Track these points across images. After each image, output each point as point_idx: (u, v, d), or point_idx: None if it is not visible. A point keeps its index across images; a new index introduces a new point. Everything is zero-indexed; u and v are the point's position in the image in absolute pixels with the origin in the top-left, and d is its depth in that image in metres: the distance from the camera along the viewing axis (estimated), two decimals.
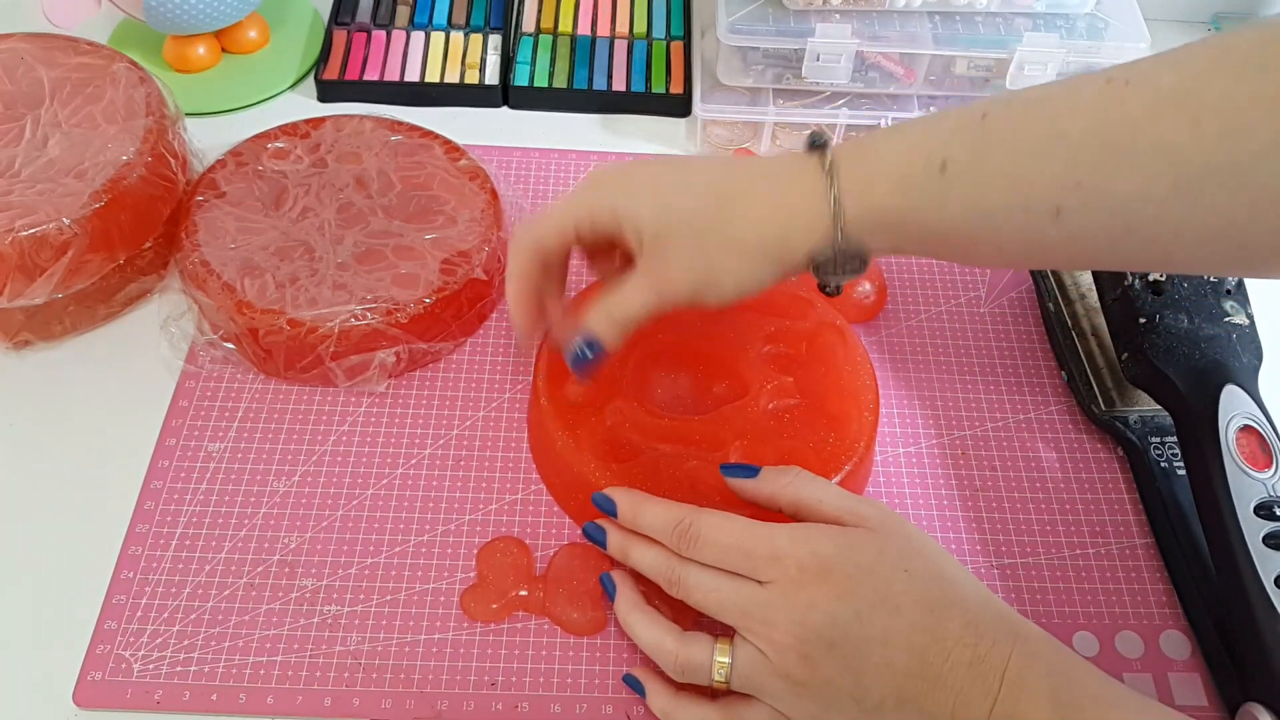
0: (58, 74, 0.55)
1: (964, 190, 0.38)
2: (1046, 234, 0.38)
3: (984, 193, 0.38)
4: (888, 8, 0.61)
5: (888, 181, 0.40)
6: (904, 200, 0.39)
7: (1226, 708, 0.44)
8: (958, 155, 0.38)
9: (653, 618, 0.42)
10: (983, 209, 0.38)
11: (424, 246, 0.53)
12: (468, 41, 0.69)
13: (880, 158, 0.40)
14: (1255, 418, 0.46)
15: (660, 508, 0.42)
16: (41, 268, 0.49)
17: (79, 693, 0.43)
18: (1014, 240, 0.39)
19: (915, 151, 0.39)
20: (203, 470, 0.49)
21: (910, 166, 0.39)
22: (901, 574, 0.37)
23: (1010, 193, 0.38)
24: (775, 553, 0.38)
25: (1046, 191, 0.37)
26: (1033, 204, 0.37)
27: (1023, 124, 0.38)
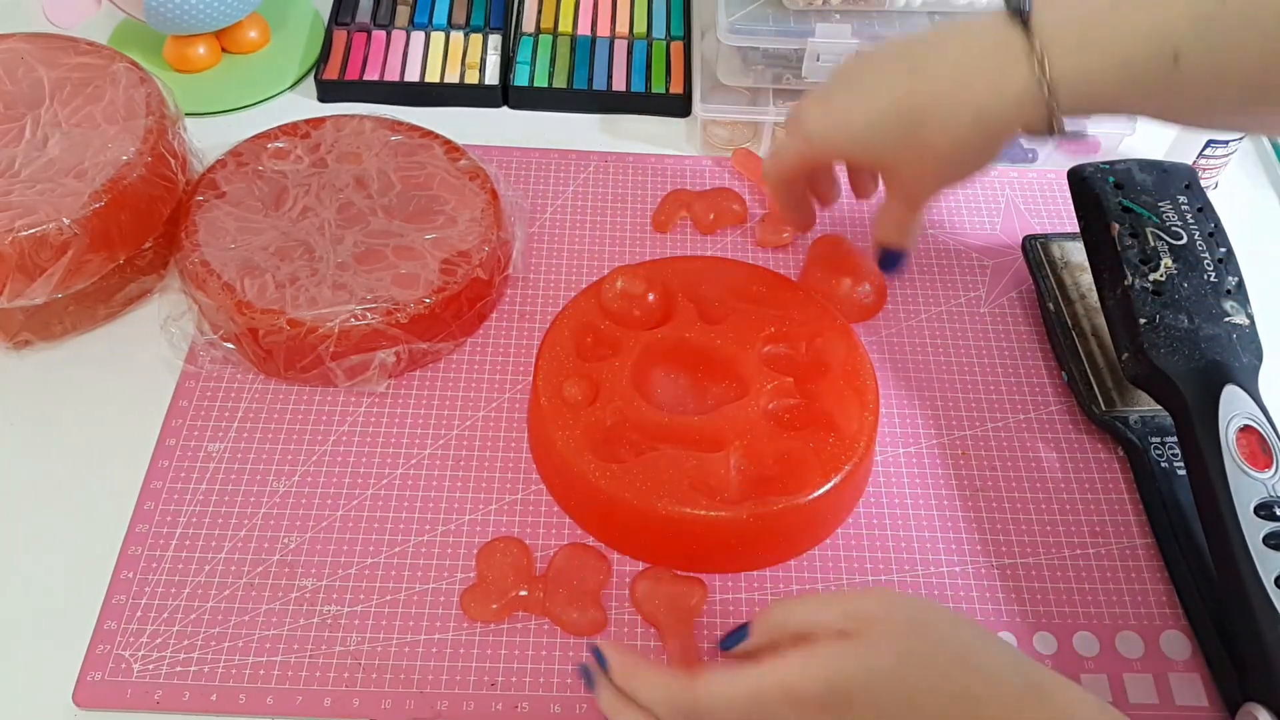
0: (58, 74, 0.55)
1: (1199, 84, 0.37)
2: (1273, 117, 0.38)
3: (1221, 85, 0.36)
4: (888, 8, 0.61)
5: (1111, 69, 0.38)
6: (1129, 92, 0.38)
7: (1227, 708, 0.44)
8: (1193, 46, 0.36)
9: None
10: (1218, 101, 0.37)
11: (424, 246, 0.53)
12: (468, 41, 0.69)
13: (1102, 42, 0.38)
14: (1255, 418, 0.46)
15: (655, 679, 0.37)
16: (41, 268, 0.49)
17: (79, 692, 0.43)
18: (1239, 118, 0.39)
19: (1143, 33, 0.37)
20: (203, 470, 0.49)
21: (1139, 54, 0.37)
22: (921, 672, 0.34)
23: (1251, 86, 0.36)
24: (792, 694, 0.34)
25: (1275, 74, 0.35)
26: (1269, 92, 0.36)
27: (1270, 4, 0.35)
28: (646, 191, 0.62)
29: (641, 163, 0.63)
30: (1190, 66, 0.36)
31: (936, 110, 0.42)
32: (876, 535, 0.49)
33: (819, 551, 0.48)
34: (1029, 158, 0.65)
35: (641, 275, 0.52)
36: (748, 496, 0.46)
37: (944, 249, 0.60)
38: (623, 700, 0.38)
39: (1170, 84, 0.37)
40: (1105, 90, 0.38)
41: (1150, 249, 0.50)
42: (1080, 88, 0.39)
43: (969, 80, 0.41)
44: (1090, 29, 0.38)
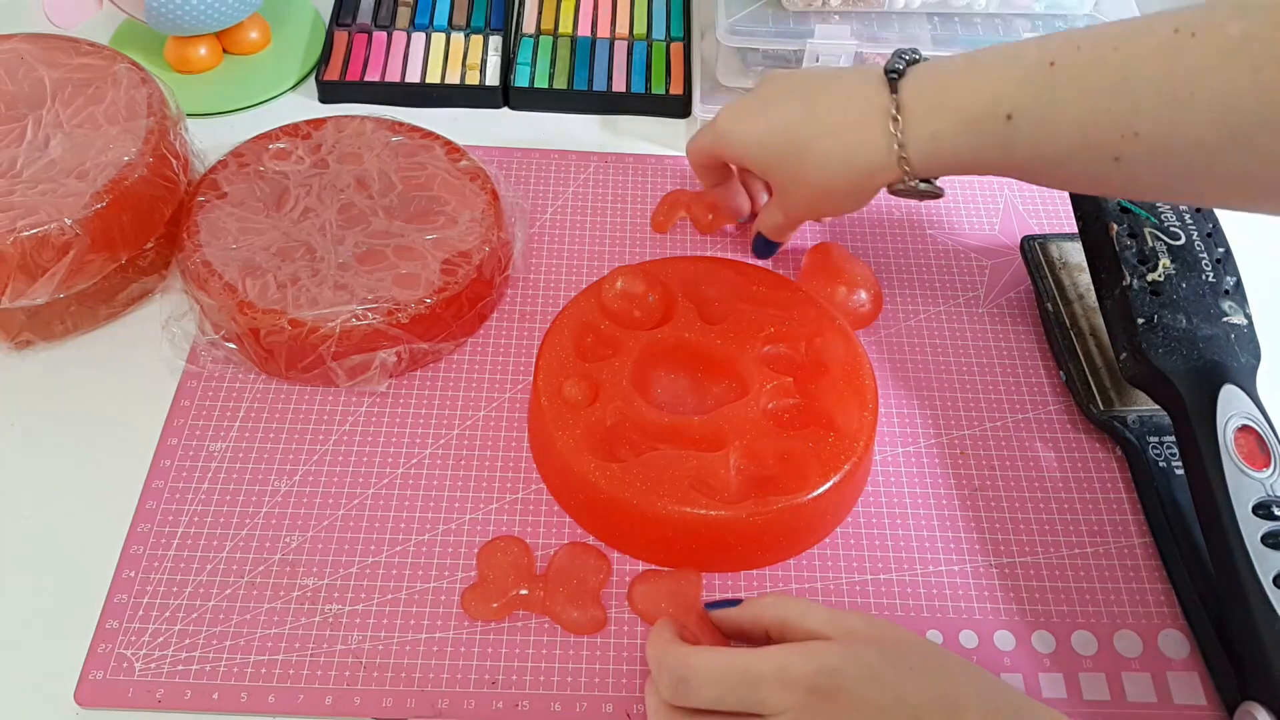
0: (59, 75, 0.55)
1: (1029, 138, 0.41)
2: (1108, 174, 0.41)
3: (1049, 140, 0.41)
4: (887, 9, 0.61)
5: (954, 130, 0.43)
6: (970, 147, 0.43)
7: (1225, 707, 0.44)
8: (1025, 104, 0.41)
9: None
10: (1047, 155, 0.41)
11: (425, 247, 0.53)
12: (468, 43, 0.69)
13: (949, 106, 0.43)
14: (1253, 417, 0.46)
15: (656, 644, 0.40)
16: (43, 268, 0.50)
17: (80, 691, 0.43)
18: (1077, 177, 0.43)
19: (982, 97, 0.42)
20: (204, 469, 0.49)
21: (978, 114, 0.42)
22: (909, 673, 0.36)
23: (1073, 141, 0.40)
24: (783, 674, 0.36)
25: (1107, 141, 0.39)
26: (1094, 152, 0.40)
27: (1089, 74, 0.39)
28: (646, 192, 0.62)
29: (641, 163, 0.64)
30: (1022, 122, 0.41)
31: (814, 147, 0.48)
32: (875, 534, 0.49)
33: (818, 551, 0.48)
34: None
35: (641, 275, 0.52)
36: (747, 496, 0.46)
37: (943, 249, 0.60)
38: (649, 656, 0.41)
39: (1006, 139, 0.42)
40: (952, 148, 0.44)
41: (1148, 249, 0.50)
42: (929, 147, 0.44)
43: (843, 129, 0.47)
44: (939, 93, 0.44)
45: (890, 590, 0.47)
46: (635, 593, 0.46)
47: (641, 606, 0.46)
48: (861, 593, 0.47)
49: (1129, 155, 0.39)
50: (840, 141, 0.47)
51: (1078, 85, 0.40)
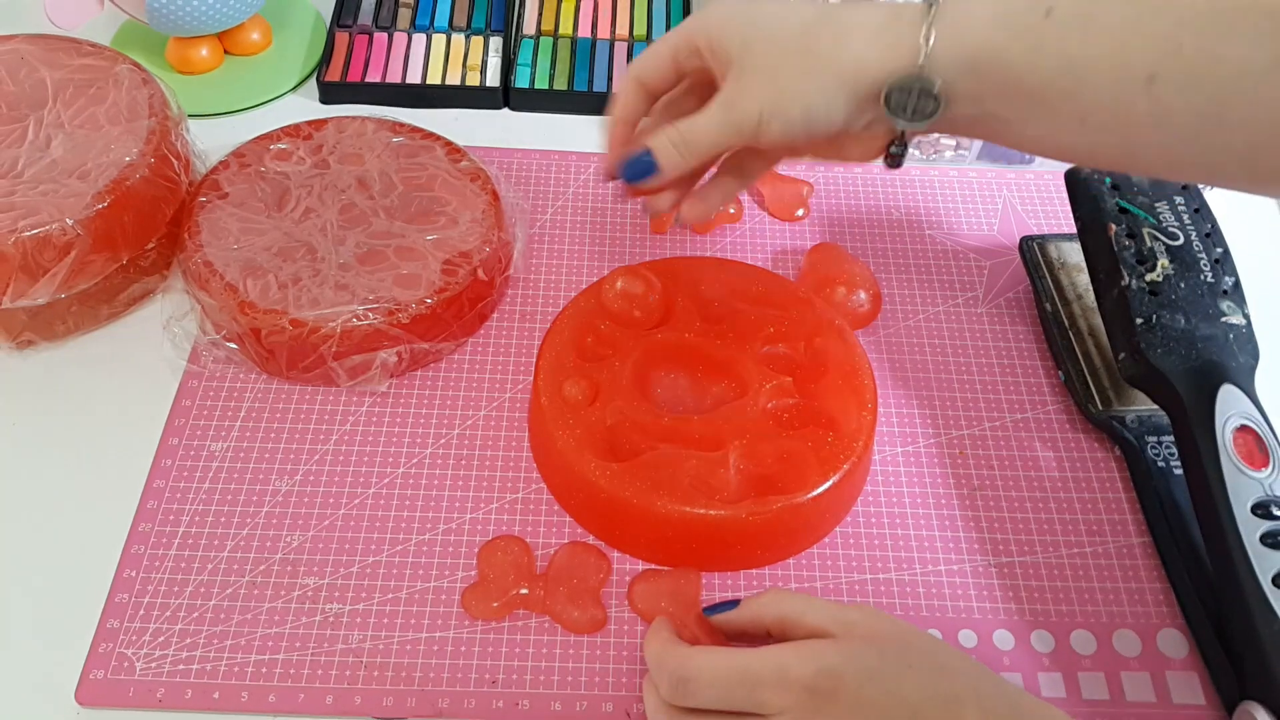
0: (60, 75, 0.55)
1: (1064, 37, 0.37)
2: (1135, 103, 0.37)
3: (1083, 43, 0.37)
4: None
5: (989, 16, 0.38)
6: (1001, 38, 0.38)
7: (1224, 706, 0.44)
8: (1063, 7, 0.37)
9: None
10: (1077, 64, 0.37)
11: (425, 247, 0.53)
12: (469, 44, 0.69)
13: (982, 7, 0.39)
14: (1252, 417, 0.46)
15: (655, 644, 0.40)
16: (45, 268, 0.50)
17: (81, 691, 0.43)
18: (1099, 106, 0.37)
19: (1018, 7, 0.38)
20: (205, 469, 0.50)
21: (1016, 6, 0.38)
22: (908, 671, 0.36)
23: (1109, 49, 0.37)
24: (782, 674, 0.36)
25: (1146, 53, 0.36)
26: (1129, 66, 0.36)
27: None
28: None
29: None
30: (1061, 17, 0.37)
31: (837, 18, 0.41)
32: (875, 534, 0.49)
33: (818, 550, 0.49)
34: (1026, 159, 0.65)
35: (641, 275, 0.53)
36: (747, 496, 0.46)
37: (942, 250, 0.60)
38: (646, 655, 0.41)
39: (1039, 35, 0.38)
40: (981, 36, 0.38)
41: (1147, 249, 0.51)
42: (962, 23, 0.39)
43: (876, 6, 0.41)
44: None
45: (889, 590, 0.47)
46: (635, 592, 0.46)
47: (642, 606, 0.46)
48: (861, 592, 0.47)
49: (1166, 75, 0.35)
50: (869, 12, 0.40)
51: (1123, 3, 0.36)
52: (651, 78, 0.45)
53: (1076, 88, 0.38)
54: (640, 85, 0.46)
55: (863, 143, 0.44)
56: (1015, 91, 0.39)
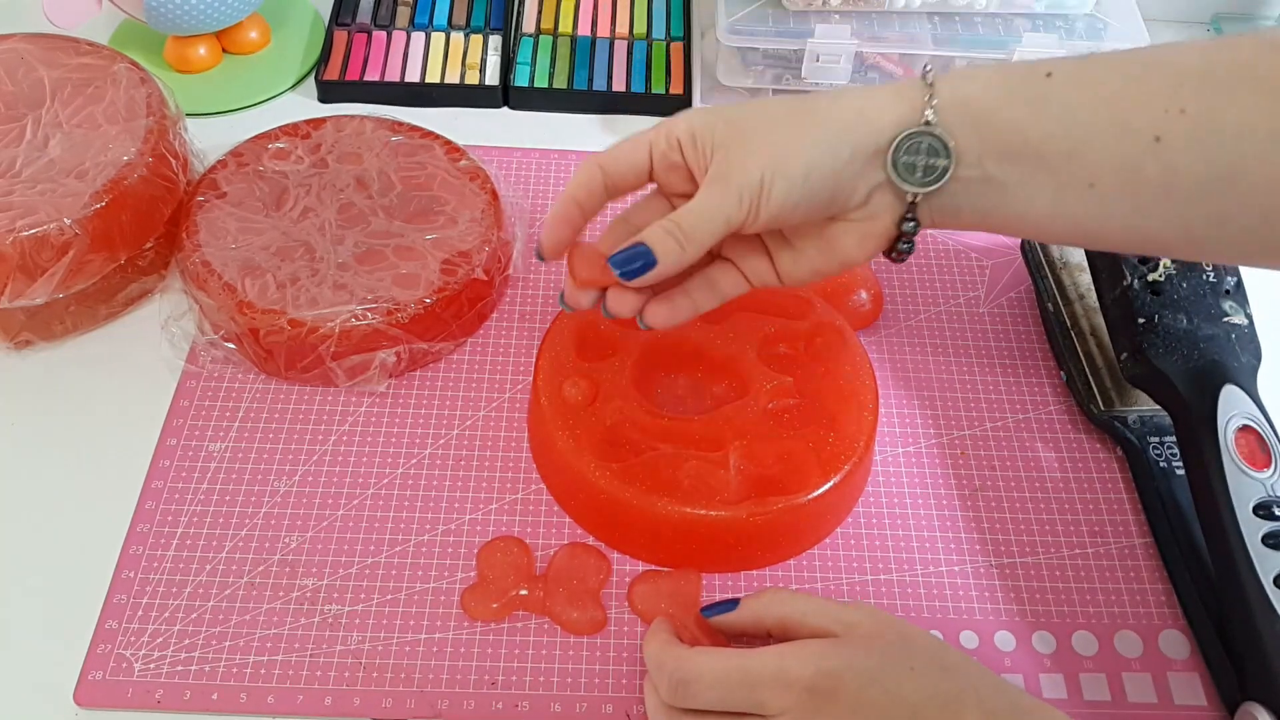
0: (58, 74, 0.55)
1: (1065, 96, 0.37)
2: (1144, 166, 0.36)
3: (1085, 103, 0.36)
4: (887, 8, 0.61)
5: (988, 79, 0.38)
6: (1002, 96, 0.37)
7: (1225, 707, 0.44)
8: (1063, 68, 0.37)
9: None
10: (1081, 120, 0.36)
11: (424, 247, 0.53)
12: (468, 42, 0.69)
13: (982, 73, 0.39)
14: (1254, 417, 0.46)
15: (654, 645, 0.40)
16: (42, 268, 0.49)
17: (80, 692, 0.43)
18: (1107, 167, 0.36)
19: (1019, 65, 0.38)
20: (204, 470, 0.49)
21: (1013, 71, 0.38)
22: (908, 673, 0.36)
23: (1111, 106, 0.36)
24: (782, 676, 0.36)
25: (1149, 113, 0.36)
26: (1133, 123, 0.36)
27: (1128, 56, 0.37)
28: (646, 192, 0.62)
29: None
30: (1061, 78, 0.37)
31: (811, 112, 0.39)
32: (876, 535, 0.49)
33: (819, 551, 0.48)
34: None
35: None
36: (747, 496, 0.46)
37: (943, 249, 0.60)
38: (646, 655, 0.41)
39: (1041, 92, 0.37)
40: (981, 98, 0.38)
41: None
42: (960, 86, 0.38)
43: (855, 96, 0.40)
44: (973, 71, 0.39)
45: (890, 591, 0.47)
46: (635, 593, 0.46)
47: (641, 607, 0.46)
48: (862, 593, 0.47)
49: (1172, 135, 0.35)
50: (850, 105, 0.39)
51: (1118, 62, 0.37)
52: (616, 167, 0.41)
53: (1081, 148, 0.37)
54: (600, 171, 0.41)
55: (860, 226, 0.40)
56: (1020, 150, 0.37)
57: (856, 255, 0.41)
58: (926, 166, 0.38)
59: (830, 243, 0.41)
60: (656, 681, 0.39)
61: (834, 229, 0.41)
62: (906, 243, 0.40)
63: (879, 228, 0.40)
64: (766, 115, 0.39)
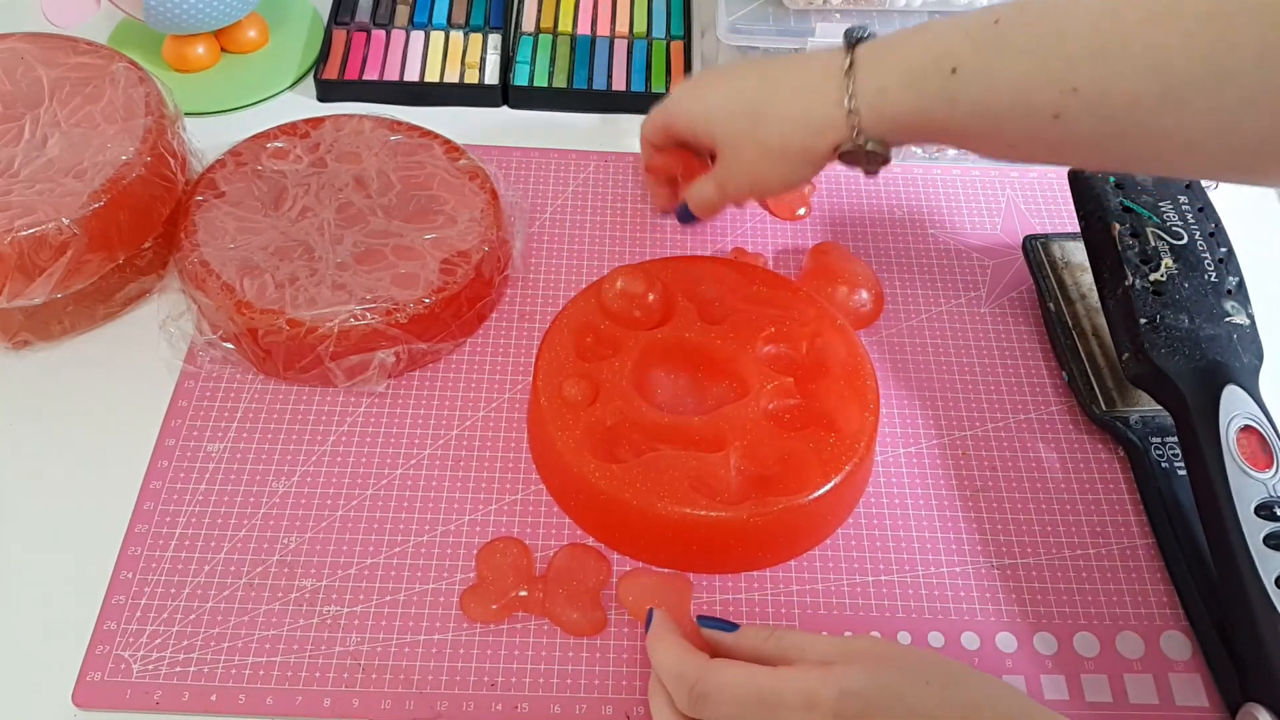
0: (57, 74, 0.55)
1: (971, 93, 0.41)
2: (1047, 133, 0.41)
3: (990, 93, 0.41)
4: (888, 8, 0.61)
5: (901, 85, 0.43)
6: (916, 102, 0.43)
7: (1227, 708, 0.44)
8: (968, 58, 0.41)
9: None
10: (989, 110, 0.41)
11: (423, 246, 0.53)
12: (467, 41, 0.69)
13: (896, 61, 0.44)
14: (1256, 418, 0.45)
15: (672, 649, 0.39)
16: (41, 268, 0.49)
17: (78, 693, 0.43)
18: (1018, 138, 0.42)
19: (929, 51, 0.43)
20: (202, 470, 0.49)
21: (924, 68, 0.43)
22: (926, 687, 0.36)
23: (1014, 96, 0.41)
24: (808, 698, 0.35)
25: (1046, 96, 0.40)
26: (1034, 108, 0.40)
27: (1029, 29, 0.40)
28: (646, 191, 0.62)
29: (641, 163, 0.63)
30: (965, 75, 0.41)
31: (771, 109, 0.48)
32: (876, 535, 0.49)
33: (819, 552, 0.48)
34: None
35: (641, 275, 0.52)
36: (748, 497, 0.46)
37: (944, 249, 0.60)
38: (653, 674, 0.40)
39: (950, 93, 0.42)
40: (898, 102, 0.44)
41: (1151, 249, 0.50)
42: (877, 100, 0.44)
43: (801, 89, 0.47)
44: (888, 51, 0.44)
45: (891, 591, 0.47)
46: (623, 588, 0.46)
47: (630, 600, 0.45)
48: (863, 594, 0.47)
49: (1068, 112, 0.39)
50: (798, 101, 0.47)
51: (1018, 41, 0.40)
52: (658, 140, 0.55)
53: (993, 128, 0.42)
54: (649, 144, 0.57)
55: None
56: (942, 136, 0.44)
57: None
58: (869, 161, 0.46)
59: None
60: (673, 689, 0.38)
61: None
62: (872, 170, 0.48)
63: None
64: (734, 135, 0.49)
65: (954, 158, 0.65)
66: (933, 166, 0.64)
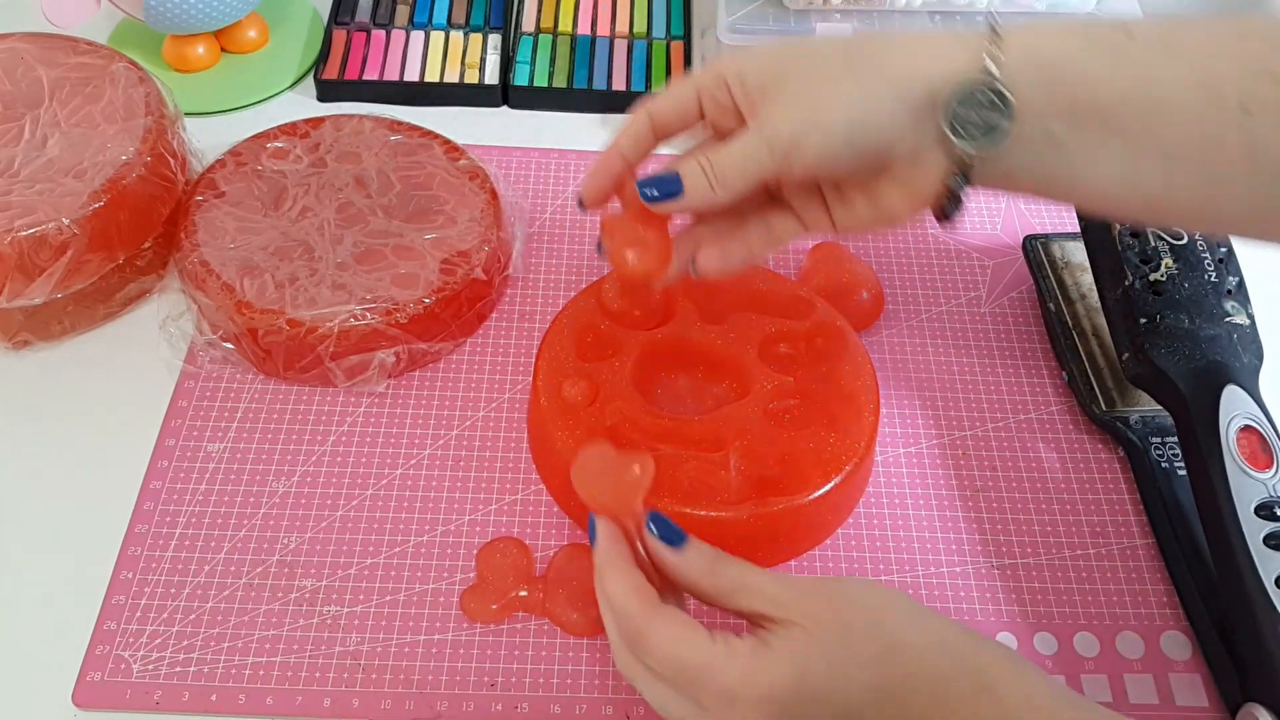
0: (57, 74, 0.55)
1: (1145, 55, 0.34)
2: (1226, 138, 0.33)
3: (1167, 63, 0.33)
4: (888, 7, 0.61)
5: (1060, 30, 0.35)
6: (1076, 48, 0.34)
7: (1227, 708, 0.44)
8: (1144, 28, 0.35)
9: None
10: (1162, 81, 0.33)
11: (423, 246, 0.53)
12: (467, 41, 0.69)
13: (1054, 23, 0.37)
14: (1256, 418, 0.45)
15: (621, 586, 0.35)
16: (41, 268, 0.49)
17: (78, 693, 0.43)
18: (1186, 135, 0.33)
19: (1096, 22, 0.36)
20: (202, 470, 0.49)
21: (1089, 26, 0.35)
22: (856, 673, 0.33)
23: (1196, 69, 0.33)
24: (726, 694, 0.33)
25: (1236, 76, 0.32)
26: (1218, 88, 0.33)
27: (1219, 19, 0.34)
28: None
29: None
30: (1141, 37, 0.35)
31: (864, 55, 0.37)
32: (877, 535, 0.49)
33: (819, 552, 0.48)
34: None
35: None
36: (748, 497, 0.46)
37: (944, 249, 0.60)
38: (599, 586, 0.37)
39: (1119, 48, 0.34)
40: (1056, 47, 0.35)
41: (1151, 249, 0.50)
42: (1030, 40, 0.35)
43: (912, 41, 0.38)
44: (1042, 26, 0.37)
45: None
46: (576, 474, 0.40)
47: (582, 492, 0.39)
48: None
49: (1262, 102, 0.32)
50: (905, 50, 0.36)
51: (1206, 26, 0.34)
52: (665, 113, 0.40)
53: (1159, 112, 0.34)
54: (650, 119, 0.41)
55: (907, 183, 0.38)
56: (1090, 109, 0.34)
57: (902, 212, 0.39)
58: (984, 122, 0.35)
59: (876, 198, 0.39)
60: (615, 624, 0.36)
61: (881, 184, 0.39)
62: (954, 201, 0.37)
63: (927, 185, 0.38)
64: (815, 58, 0.37)
65: None
66: None
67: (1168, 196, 0.36)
